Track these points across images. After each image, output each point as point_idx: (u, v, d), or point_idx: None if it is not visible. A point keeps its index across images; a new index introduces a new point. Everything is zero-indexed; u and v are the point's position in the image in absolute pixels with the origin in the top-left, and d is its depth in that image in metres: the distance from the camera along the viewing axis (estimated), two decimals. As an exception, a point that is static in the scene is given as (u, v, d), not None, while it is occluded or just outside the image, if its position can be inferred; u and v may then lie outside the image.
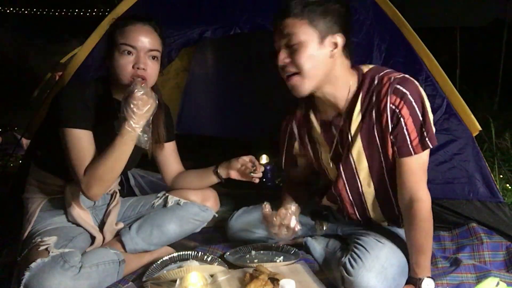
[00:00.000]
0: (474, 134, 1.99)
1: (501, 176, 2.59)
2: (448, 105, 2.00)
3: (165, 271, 1.46)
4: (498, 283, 1.42)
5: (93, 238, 1.57)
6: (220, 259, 1.57)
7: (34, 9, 9.96)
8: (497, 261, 1.65)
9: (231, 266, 1.55)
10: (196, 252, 1.59)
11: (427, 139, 1.33)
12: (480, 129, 1.99)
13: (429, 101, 1.60)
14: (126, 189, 2.17)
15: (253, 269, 1.45)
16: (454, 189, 1.96)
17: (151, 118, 1.37)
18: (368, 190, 1.47)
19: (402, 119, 1.33)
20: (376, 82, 1.37)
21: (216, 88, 3.60)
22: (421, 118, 1.33)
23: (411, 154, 1.34)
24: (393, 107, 1.33)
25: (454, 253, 1.72)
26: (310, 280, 1.46)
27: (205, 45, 3.34)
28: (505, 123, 3.65)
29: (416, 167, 1.35)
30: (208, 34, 2.16)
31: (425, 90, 2.04)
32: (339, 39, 1.35)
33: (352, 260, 1.35)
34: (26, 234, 1.50)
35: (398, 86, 1.33)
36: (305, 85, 1.35)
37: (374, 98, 1.36)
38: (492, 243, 1.73)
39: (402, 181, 1.37)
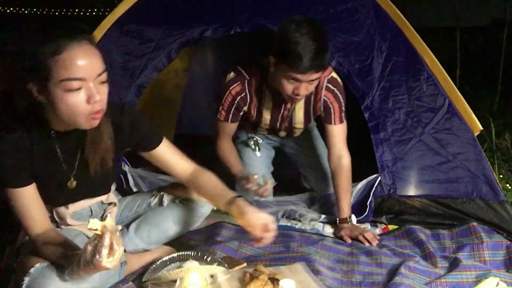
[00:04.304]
0: (476, 134, 1.99)
1: (501, 176, 2.59)
2: (449, 104, 2.01)
3: (165, 271, 1.45)
4: (498, 283, 1.42)
5: None
6: (220, 260, 1.56)
7: (34, 9, 9.96)
8: (497, 260, 1.65)
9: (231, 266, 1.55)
10: (196, 252, 1.59)
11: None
12: (482, 128, 1.99)
13: (431, 100, 2.05)
14: (125, 187, 2.16)
15: (253, 269, 1.45)
16: (457, 188, 1.97)
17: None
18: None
19: (332, 106, 1.92)
20: None
21: (216, 88, 3.59)
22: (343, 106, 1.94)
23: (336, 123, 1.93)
24: (326, 99, 1.91)
25: (453, 252, 1.72)
26: (310, 280, 1.46)
27: (205, 45, 3.33)
28: (505, 123, 3.65)
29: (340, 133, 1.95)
30: (208, 34, 2.16)
31: (426, 90, 2.06)
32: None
33: None
34: (21, 241, 1.44)
35: (329, 85, 1.89)
36: None
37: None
38: (492, 243, 1.73)
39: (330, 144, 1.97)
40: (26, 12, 9.94)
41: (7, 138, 1.22)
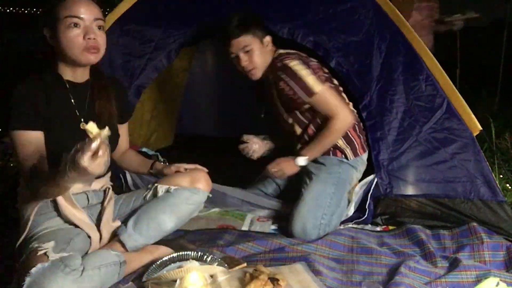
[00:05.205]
0: (475, 134, 1.99)
1: (501, 176, 2.59)
2: (448, 104, 2.01)
3: (165, 271, 1.45)
4: (498, 283, 1.42)
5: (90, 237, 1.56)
6: (220, 260, 1.57)
7: (34, 9, 9.96)
8: (497, 261, 1.65)
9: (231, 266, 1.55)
10: (196, 252, 1.59)
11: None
12: (481, 128, 1.99)
13: (430, 100, 2.02)
14: (124, 189, 2.16)
15: (253, 269, 1.45)
16: (455, 188, 1.97)
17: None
18: None
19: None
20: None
21: (216, 88, 3.60)
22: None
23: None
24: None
25: (454, 253, 1.72)
26: (310, 280, 1.46)
27: (205, 45, 3.34)
28: (505, 123, 3.65)
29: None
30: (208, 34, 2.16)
31: (425, 90, 2.06)
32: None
33: None
34: (21, 239, 1.47)
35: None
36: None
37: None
38: (492, 243, 1.73)
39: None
40: (26, 12, 9.95)
41: (25, 85, 1.44)
